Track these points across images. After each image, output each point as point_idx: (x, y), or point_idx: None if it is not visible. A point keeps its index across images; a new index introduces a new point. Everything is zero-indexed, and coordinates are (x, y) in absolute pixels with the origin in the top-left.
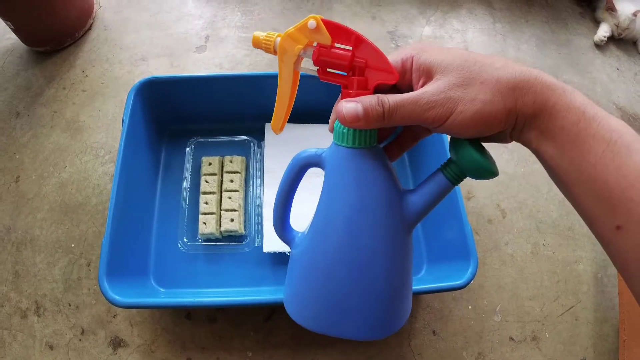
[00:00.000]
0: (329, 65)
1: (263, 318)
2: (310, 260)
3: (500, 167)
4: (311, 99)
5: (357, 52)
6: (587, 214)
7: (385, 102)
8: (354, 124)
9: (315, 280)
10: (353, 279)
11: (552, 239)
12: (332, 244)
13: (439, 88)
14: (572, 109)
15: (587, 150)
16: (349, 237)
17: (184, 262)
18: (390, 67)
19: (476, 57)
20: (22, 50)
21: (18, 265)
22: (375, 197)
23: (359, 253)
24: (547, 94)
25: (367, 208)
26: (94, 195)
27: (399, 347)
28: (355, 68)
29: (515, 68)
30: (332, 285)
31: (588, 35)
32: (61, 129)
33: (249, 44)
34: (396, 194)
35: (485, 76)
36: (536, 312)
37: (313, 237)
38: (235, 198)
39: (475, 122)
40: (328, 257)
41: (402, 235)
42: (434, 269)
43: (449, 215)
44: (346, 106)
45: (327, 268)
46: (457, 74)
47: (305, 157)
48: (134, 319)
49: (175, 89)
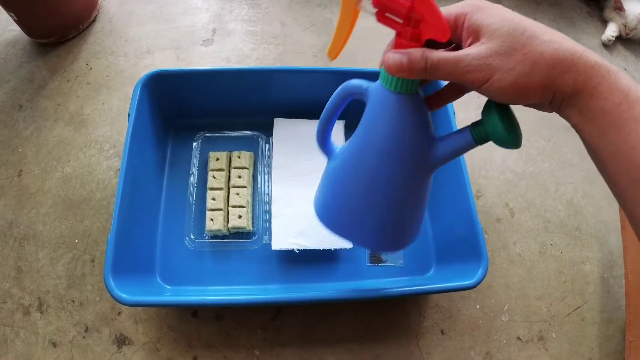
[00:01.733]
0: (387, 10)
1: (270, 316)
2: (342, 174)
3: (509, 166)
4: (321, 94)
5: (416, 4)
6: (622, 193)
7: (428, 58)
8: (397, 74)
9: (343, 192)
10: (374, 198)
11: (559, 239)
12: (363, 166)
13: (481, 53)
14: (615, 91)
15: (627, 132)
16: (378, 165)
17: (191, 259)
18: (444, 25)
19: (526, 25)
20: (25, 42)
21: (21, 260)
22: (407, 137)
23: (383, 178)
24: (589, 73)
25: (398, 145)
26: (98, 190)
27: (406, 346)
28: (411, 18)
29: (562, 43)
30: (357, 199)
31: (596, 35)
32: (65, 122)
33: (256, 38)
34: (425, 138)
35: (529, 48)
36: (543, 312)
37: (348, 156)
38: (243, 194)
39: (511, 91)
40: (357, 175)
41: (423, 174)
42: (443, 268)
43: (459, 213)
44: (392, 57)
45: (355, 184)
46: (503, 41)
47: (352, 87)
48: (139, 317)
49: (182, 83)
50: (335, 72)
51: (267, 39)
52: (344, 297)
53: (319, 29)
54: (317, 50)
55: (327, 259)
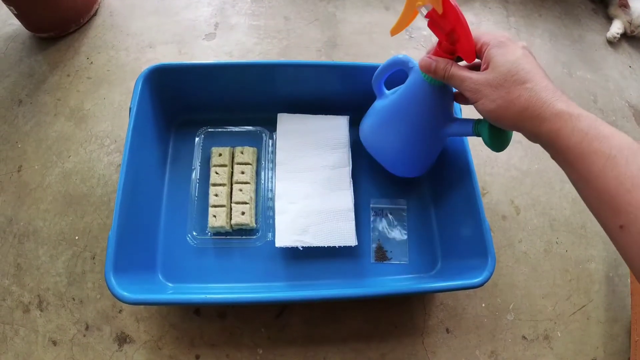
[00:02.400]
0: (435, 23)
1: (274, 314)
2: (383, 112)
3: (514, 164)
4: (326, 89)
5: (457, 28)
6: (596, 214)
7: (448, 70)
8: (426, 72)
9: (379, 124)
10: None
11: (565, 237)
12: (400, 115)
13: (479, 80)
14: (576, 132)
15: (590, 164)
16: (409, 118)
17: (193, 256)
18: (472, 51)
19: (522, 70)
20: (25, 36)
21: (20, 257)
22: (429, 110)
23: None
24: (553, 119)
25: (423, 111)
26: (99, 186)
27: (412, 345)
28: (450, 36)
29: (539, 93)
30: (392, 133)
31: (601, 32)
32: (65, 117)
33: (259, 32)
34: (443, 115)
35: (512, 89)
36: (548, 311)
37: (392, 104)
38: (247, 190)
39: (490, 116)
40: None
41: (436, 135)
42: (449, 266)
43: (466, 211)
44: (426, 60)
45: (392, 123)
46: (497, 76)
47: (401, 60)
48: (141, 315)
49: (185, 77)
50: (339, 67)
51: (271, 33)
52: (348, 295)
53: (322, 23)
54: (321, 44)
55: (331, 256)
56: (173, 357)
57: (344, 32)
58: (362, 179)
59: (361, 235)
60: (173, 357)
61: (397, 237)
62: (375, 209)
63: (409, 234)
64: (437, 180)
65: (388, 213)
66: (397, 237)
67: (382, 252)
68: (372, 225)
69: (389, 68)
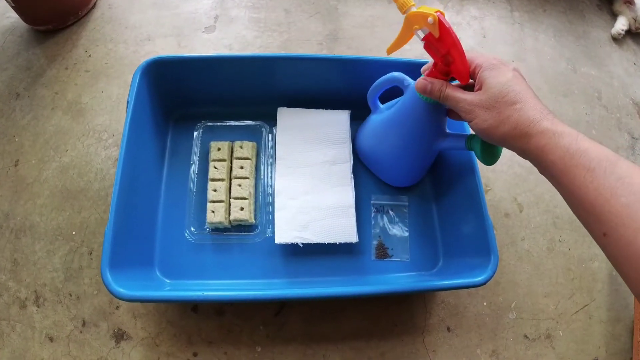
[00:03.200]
0: (431, 45)
1: (273, 312)
2: (378, 127)
3: (517, 160)
4: (327, 83)
5: (452, 51)
6: (583, 224)
7: (443, 91)
8: (422, 93)
9: (374, 137)
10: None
11: (568, 235)
12: (395, 129)
13: (473, 101)
14: (559, 148)
15: (572, 177)
16: (404, 132)
17: (191, 252)
18: (466, 73)
19: (512, 91)
20: (22, 29)
21: (17, 253)
22: (423, 126)
23: (405, 140)
24: (538, 137)
25: (418, 129)
26: (97, 181)
27: (412, 343)
28: (445, 58)
29: (527, 112)
30: (386, 145)
31: (605, 28)
32: (62, 111)
33: (259, 25)
34: (436, 130)
35: (502, 109)
36: (551, 310)
37: (386, 119)
38: (246, 185)
39: (483, 134)
40: (387, 133)
41: (429, 149)
42: (451, 264)
43: (468, 207)
44: (421, 81)
45: (384, 136)
46: (489, 98)
47: (397, 78)
48: (138, 311)
49: (183, 70)
50: (341, 60)
51: (271, 26)
52: (349, 293)
53: (324, 16)
54: (322, 38)
55: (331, 253)
56: (170, 355)
57: (346, 25)
58: (363, 175)
59: (362, 232)
60: (170, 355)
61: (398, 234)
62: (376, 205)
63: (411, 231)
64: (439, 176)
65: (389, 209)
66: (398, 234)
67: (383, 249)
68: (373, 222)
69: (384, 84)
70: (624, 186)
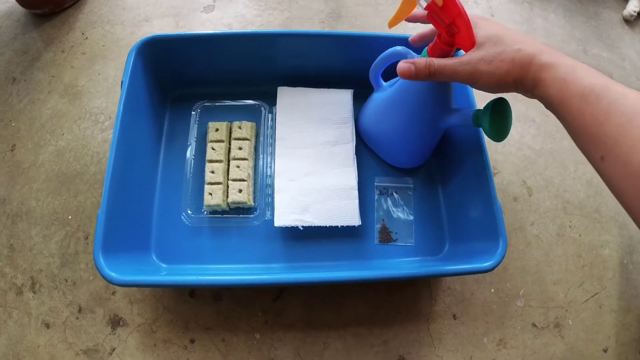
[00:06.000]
0: (435, 15)
1: (272, 297)
2: (381, 105)
3: (527, 142)
4: (329, 61)
5: (457, 21)
6: (582, 151)
7: (432, 66)
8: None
9: (377, 116)
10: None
11: (578, 221)
12: (398, 107)
13: (472, 60)
14: (557, 80)
15: (569, 105)
16: (406, 111)
17: (188, 236)
18: (472, 42)
19: (505, 36)
20: (19, 13)
21: (13, 238)
22: (428, 103)
23: (408, 119)
24: (539, 71)
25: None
26: (93, 164)
27: (416, 331)
28: (450, 29)
29: (525, 50)
30: (388, 124)
31: (617, 9)
32: (59, 94)
33: (260, 4)
34: (443, 108)
35: (504, 55)
36: (560, 298)
37: (388, 96)
38: (244, 167)
39: (493, 87)
40: (390, 111)
41: (435, 126)
42: (458, 248)
43: (476, 190)
44: (402, 66)
45: (386, 115)
46: (487, 50)
47: (400, 53)
48: (134, 297)
49: (180, 49)
50: (343, 37)
51: (272, 4)
52: (351, 278)
53: None
54: (324, 16)
55: (333, 237)
56: (167, 341)
57: (349, 2)
58: (366, 156)
59: (365, 215)
60: (167, 341)
61: (402, 218)
62: (380, 187)
63: (416, 214)
64: (445, 157)
65: (393, 192)
66: (402, 217)
67: (386, 233)
68: (377, 205)
69: (387, 60)
70: (617, 108)
